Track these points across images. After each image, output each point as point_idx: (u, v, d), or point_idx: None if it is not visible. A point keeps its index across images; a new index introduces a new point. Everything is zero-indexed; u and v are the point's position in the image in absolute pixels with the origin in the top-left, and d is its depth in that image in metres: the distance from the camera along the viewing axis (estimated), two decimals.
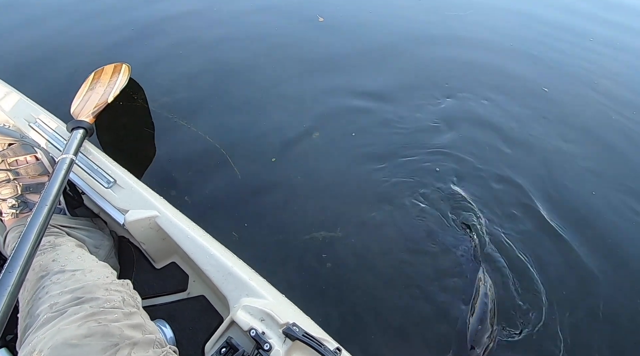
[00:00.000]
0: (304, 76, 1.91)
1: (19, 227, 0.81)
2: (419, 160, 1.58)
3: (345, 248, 1.31)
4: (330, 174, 1.52)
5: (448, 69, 2.07)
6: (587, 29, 2.52)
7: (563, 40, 2.39)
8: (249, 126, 1.66)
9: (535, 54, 2.25)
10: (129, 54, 1.92)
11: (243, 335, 0.75)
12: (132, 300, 0.68)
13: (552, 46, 2.33)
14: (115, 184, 0.98)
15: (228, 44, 2.07)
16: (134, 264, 1.01)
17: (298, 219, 1.36)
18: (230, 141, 1.57)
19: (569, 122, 1.85)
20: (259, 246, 1.29)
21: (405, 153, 1.60)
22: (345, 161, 1.57)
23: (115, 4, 2.27)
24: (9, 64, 1.83)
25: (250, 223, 1.34)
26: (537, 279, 1.27)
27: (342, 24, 2.23)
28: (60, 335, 0.53)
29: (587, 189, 1.56)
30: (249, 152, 1.55)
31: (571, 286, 1.28)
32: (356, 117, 1.74)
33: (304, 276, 1.24)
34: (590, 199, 1.52)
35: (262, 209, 1.38)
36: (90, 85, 1.41)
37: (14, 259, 0.65)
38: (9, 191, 0.83)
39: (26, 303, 0.65)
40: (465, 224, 1.40)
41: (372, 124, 1.71)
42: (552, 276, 1.29)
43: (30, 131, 1.07)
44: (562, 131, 1.80)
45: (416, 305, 1.20)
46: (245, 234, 1.31)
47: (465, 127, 1.76)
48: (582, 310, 1.23)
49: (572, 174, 1.61)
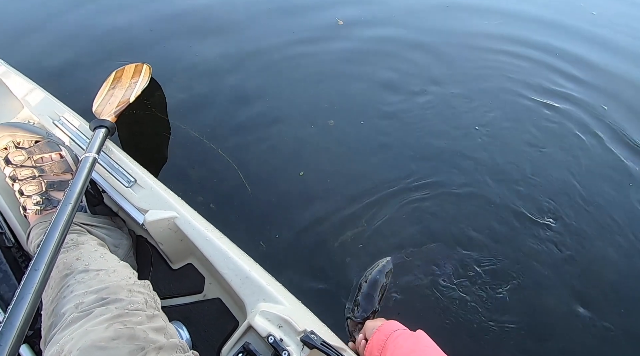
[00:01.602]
0: (334, 78, 1.91)
1: (42, 223, 0.82)
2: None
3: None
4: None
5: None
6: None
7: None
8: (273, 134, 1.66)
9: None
10: (148, 54, 1.95)
11: (260, 341, 0.75)
12: (153, 301, 0.68)
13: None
14: (136, 183, 0.99)
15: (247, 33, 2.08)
16: (151, 264, 1.02)
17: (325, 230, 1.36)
18: (252, 153, 1.57)
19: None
20: (287, 253, 1.29)
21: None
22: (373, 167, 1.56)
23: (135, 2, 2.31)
24: (32, 61, 1.87)
25: (281, 233, 1.34)
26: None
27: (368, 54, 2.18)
28: (88, 336, 0.53)
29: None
30: (276, 163, 1.55)
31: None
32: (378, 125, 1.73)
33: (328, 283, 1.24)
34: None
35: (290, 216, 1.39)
36: (111, 84, 1.43)
37: (39, 256, 0.66)
38: (34, 187, 0.85)
39: (50, 301, 0.65)
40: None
41: (398, 144, 1.68)
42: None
43: (54, 128, 1.09)
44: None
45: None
46: (274, 243, 1.32)
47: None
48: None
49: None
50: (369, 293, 1.16)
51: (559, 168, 1.62)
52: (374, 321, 0.90)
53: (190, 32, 2.11)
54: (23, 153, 0.85)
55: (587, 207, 1.50)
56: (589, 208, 1.49)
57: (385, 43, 2.16)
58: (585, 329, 1.20)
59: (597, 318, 1.22)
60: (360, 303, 1.14)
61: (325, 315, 0.88)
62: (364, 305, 1.14)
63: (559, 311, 1.24)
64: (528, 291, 1.26)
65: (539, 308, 1.24)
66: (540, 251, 1.36)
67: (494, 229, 1.40)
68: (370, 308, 1.13)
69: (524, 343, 1.16)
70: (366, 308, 1.13)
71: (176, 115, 1.68)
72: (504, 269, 1.30)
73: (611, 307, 1.25)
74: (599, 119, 1.83)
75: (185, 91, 1.79)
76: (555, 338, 1.18)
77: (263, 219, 1.38)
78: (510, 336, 1.17)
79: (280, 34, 2.14)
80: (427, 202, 1.46)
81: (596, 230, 1.44)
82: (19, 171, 0.85)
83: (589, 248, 1.38)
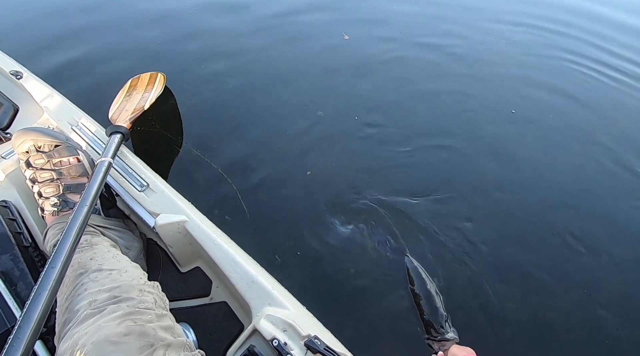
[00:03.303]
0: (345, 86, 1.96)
1: (59, 225, 0.86)
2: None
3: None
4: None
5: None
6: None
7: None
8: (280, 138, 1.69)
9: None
10: (162, 63, 2.01)
11: (265, 344, 0.76)
12: (162, 302, 0.70)
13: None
14: (148, 188, 1.02)
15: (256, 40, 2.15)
16: (161, 267, 1.04)
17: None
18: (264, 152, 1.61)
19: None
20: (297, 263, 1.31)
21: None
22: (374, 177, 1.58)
23: (150, 14, 2.39)
24: (51, 68, 1.94)
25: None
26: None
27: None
28: (101, 331, 0.56)
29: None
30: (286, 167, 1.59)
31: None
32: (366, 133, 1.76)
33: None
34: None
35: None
36: (127, 92, 1.48)
37: (56, 255, 0.69)
38: (52, 190, 0.88)
39: (65, 299, 0.68)
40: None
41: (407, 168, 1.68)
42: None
43: (72, 133, 1.13)
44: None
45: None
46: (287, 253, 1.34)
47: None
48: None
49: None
50: (432, 304, 1.16)
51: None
52: (460, 349, 0.91)
53: (203, 43, 2.19)
54: (43, 157, 0.89)
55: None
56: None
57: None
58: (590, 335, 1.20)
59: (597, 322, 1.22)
60: (432, 321, 1.14)
61: (329, 320, 0.89)
62: (435, 319, 1.13)
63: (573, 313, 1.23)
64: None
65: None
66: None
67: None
68: (441, 319, 1.13)
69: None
70: (438, 321, 1.13)
71: (188, 122, 1.73)
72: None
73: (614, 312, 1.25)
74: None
75: (196, 98, 1.84)
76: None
77: (275, 225, 1.40)
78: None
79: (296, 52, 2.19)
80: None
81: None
82: (38, 173, 0.89)
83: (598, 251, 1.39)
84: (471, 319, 1.20)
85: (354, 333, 1.16)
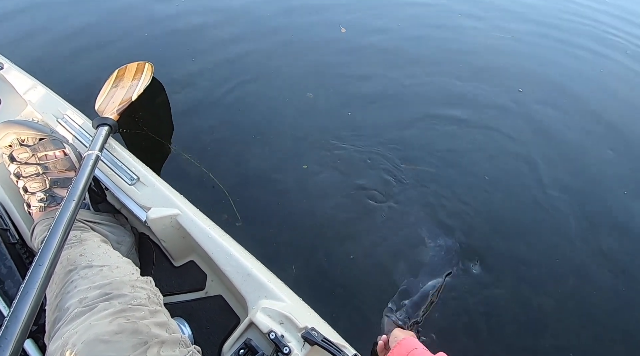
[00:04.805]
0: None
1: (46, 220, 0.83)
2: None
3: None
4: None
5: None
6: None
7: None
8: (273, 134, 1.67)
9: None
10: (150, 52, 1.96)
11: (262, 337, 0.75)
12: (155, 297, 0.69)
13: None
14: (138, 181, 0.99)
15: (248, 41, 2.10)
16: (154, 261, 1.03)
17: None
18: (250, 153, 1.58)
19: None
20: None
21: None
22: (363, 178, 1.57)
23: (136, 3, 2.32)
24: (33, 59, 1.87)
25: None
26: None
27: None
28: (92, 330, 0.54)
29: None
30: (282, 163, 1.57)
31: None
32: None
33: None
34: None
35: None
36: (114, 82, 1.44)
37: (43, 252, 0.66)
38: (38, 184, 0.85)
39: (54, 296, 0.66)
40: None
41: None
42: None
43: (58, 126, 1.09)
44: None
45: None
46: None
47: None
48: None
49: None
50: (418, 302, 1.16)
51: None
52: (402, 332, 0.90)
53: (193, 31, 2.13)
54: (27, 150, 0.86)
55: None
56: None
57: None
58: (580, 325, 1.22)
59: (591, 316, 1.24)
60: (407, 309, 1.13)
61: (326, 311, 0.89)
62: (409, 311, 1.13)
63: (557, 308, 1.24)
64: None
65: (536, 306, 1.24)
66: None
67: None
68: (414, 317, 1.12)
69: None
70: (411, 315, 1.12)
71: (178, 113, 1.69)
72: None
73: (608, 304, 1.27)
74: None
75: (187, 89, 1.80)
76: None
77: (270, 218, 1.38)
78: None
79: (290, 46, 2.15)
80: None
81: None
82: (23, 168, 0.85)
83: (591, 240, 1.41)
84: (464, 307, 1.21)
85: (350, 323, 1.16)
